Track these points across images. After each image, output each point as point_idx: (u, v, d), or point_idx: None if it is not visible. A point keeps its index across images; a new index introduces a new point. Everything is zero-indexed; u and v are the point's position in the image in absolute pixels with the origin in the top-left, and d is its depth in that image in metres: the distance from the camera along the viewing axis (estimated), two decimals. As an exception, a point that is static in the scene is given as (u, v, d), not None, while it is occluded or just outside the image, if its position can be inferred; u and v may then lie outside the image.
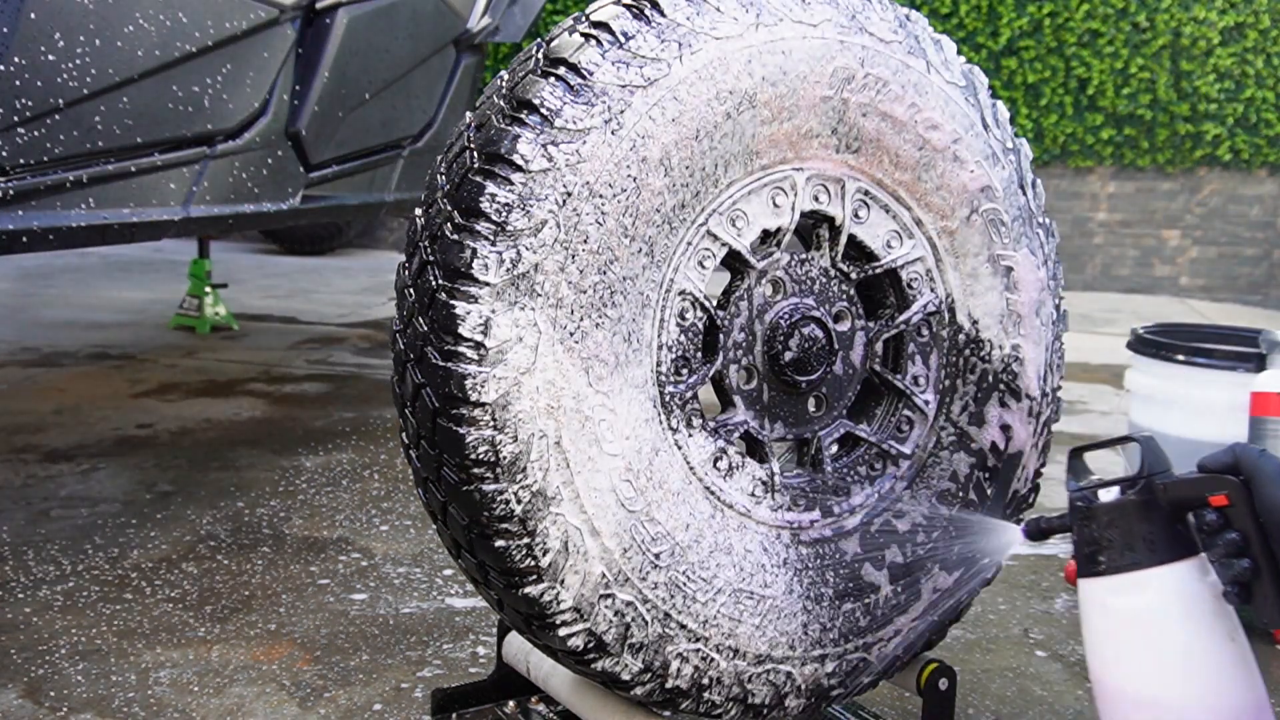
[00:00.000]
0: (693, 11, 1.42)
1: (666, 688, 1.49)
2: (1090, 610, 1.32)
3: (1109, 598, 1.30)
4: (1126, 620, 1.28)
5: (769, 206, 1.53)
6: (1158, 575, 1.28)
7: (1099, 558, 1.31)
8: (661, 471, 1.45)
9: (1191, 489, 1.29)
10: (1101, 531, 1.31)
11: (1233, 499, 1.25)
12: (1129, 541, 1.29)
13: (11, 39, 2.54)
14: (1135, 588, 1.28)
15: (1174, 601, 1.27)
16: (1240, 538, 1.24)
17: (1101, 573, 1.30)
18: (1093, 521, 1.32)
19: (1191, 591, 1.28)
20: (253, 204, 3.44)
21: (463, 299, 1.32)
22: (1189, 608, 1.27)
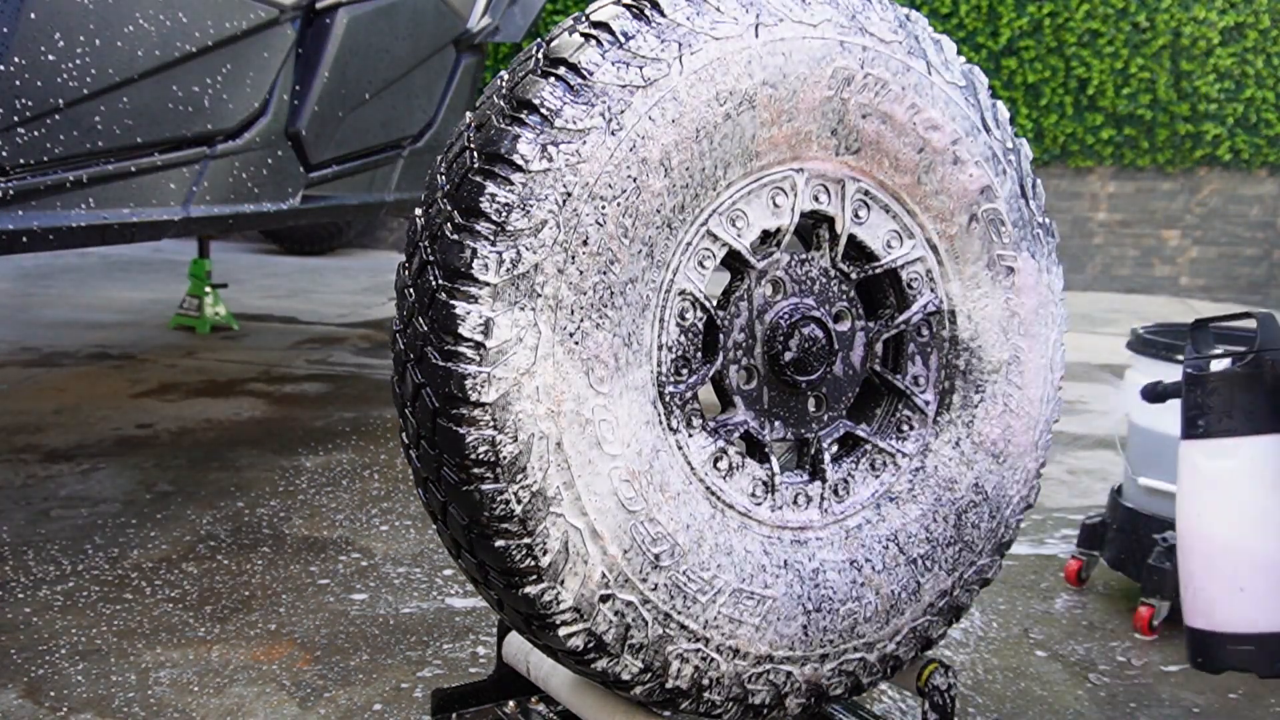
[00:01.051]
0: (693, 12, 1.42)
1: (666, 688, 1.49)
2: (1184, 469, 1.42)
3: (1201, 459, 1.39)
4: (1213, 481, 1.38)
5: (769, 207, 1.53)
6: (1249, 444, 1.36)
7: (1199, 422, 1.40)
8: (662, 472, 1.45)
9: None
10: (1205, 398, 1.39)
11: None
12: (1228, 410, 1.37)
13: (11, 39, 2.54)
14: (1226, 452, 1.38)
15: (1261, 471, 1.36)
16: None
17: (1198, 436, 1.39)
18: (1199, 388, 1.40)
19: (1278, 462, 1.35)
20: (253, 204, 3.44)
21: (463, 299, 1.32)
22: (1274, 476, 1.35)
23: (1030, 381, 1.72)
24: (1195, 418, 1.41)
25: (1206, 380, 1.40)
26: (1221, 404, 1.38)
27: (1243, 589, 1.36)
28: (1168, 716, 2.21)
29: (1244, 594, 1.36)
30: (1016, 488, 1.74)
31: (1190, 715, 2.22)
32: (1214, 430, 1.38)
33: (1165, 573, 2.52)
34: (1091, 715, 2.20)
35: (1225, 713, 2.24)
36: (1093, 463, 3.86)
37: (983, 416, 1.71)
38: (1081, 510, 3.25)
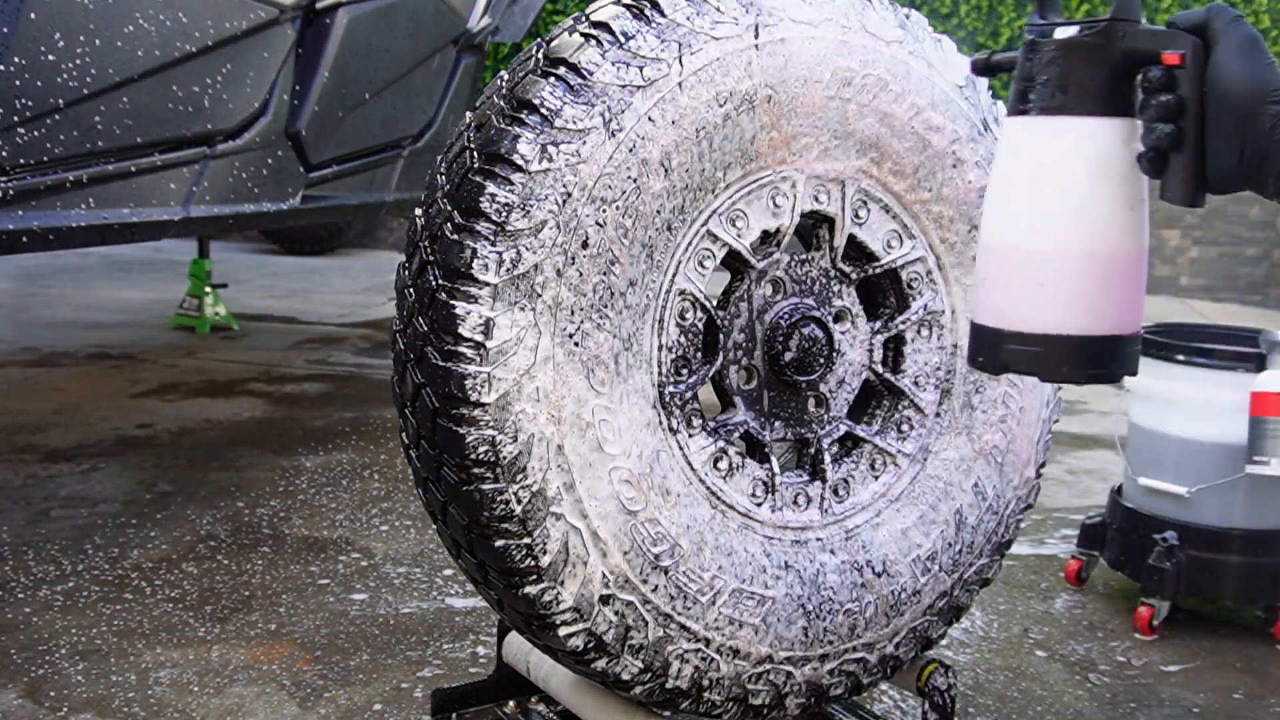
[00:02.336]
0: (693, 12, 1.42)
1: (666, 688, 1.49)
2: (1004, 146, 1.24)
3: (1025, 137, 1.22)
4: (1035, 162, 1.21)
5: (769, 207, 1.53)
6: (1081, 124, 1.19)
7: (1030, 95, 1.21)
8: (662, 473, 1.45)
9: (1150, 40, 1.17)
10: (1041, 68, 1.21)
11: (1186, 60, 1.14)
12: (1064, 84, 1.19)
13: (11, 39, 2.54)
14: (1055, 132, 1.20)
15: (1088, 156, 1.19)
16: (1176, 102, 1.13)
17: (1025, 111, 1.22)
18: (1036, 55, 1.22)
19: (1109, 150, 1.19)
20: (253, 204, 3.44)
21: (463, 299, 1.32)
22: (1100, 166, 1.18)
23: (1030, 382, 1.72)
24: (1026, 90, 1.22)
25: (1046, 47, 1.20)
26: (1058, 76, 1.19)
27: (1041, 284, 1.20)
28: (1168, 716, 2.21)
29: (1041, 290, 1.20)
30: (1016, 488, 1.74)
31: (1190, 715, 2.22)
32: (1044, 106, 1.19)
33: (1165, 573, 2.53)
34: (1091, 715, 2.20)
35: (1225, 713, 2.24)
36: (1093, 463, 3.86)
37: (983, 417, 1.71)
38: (1081, 510, 3.25)
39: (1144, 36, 1.16)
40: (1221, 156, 1.12)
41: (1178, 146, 1.13)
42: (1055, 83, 1.19)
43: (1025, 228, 1.21)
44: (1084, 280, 1.19)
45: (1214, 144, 1.12)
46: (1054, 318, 1.19)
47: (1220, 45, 1.12)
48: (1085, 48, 1.18)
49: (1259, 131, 1.09)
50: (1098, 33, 1.18)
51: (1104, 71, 1.18)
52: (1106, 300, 1.19)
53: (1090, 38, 1.18)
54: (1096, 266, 1.19)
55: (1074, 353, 1.19)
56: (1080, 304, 1.19)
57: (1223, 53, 1.11)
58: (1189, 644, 2.55)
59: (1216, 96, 1.11)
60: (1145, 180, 1.19)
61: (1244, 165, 1.10)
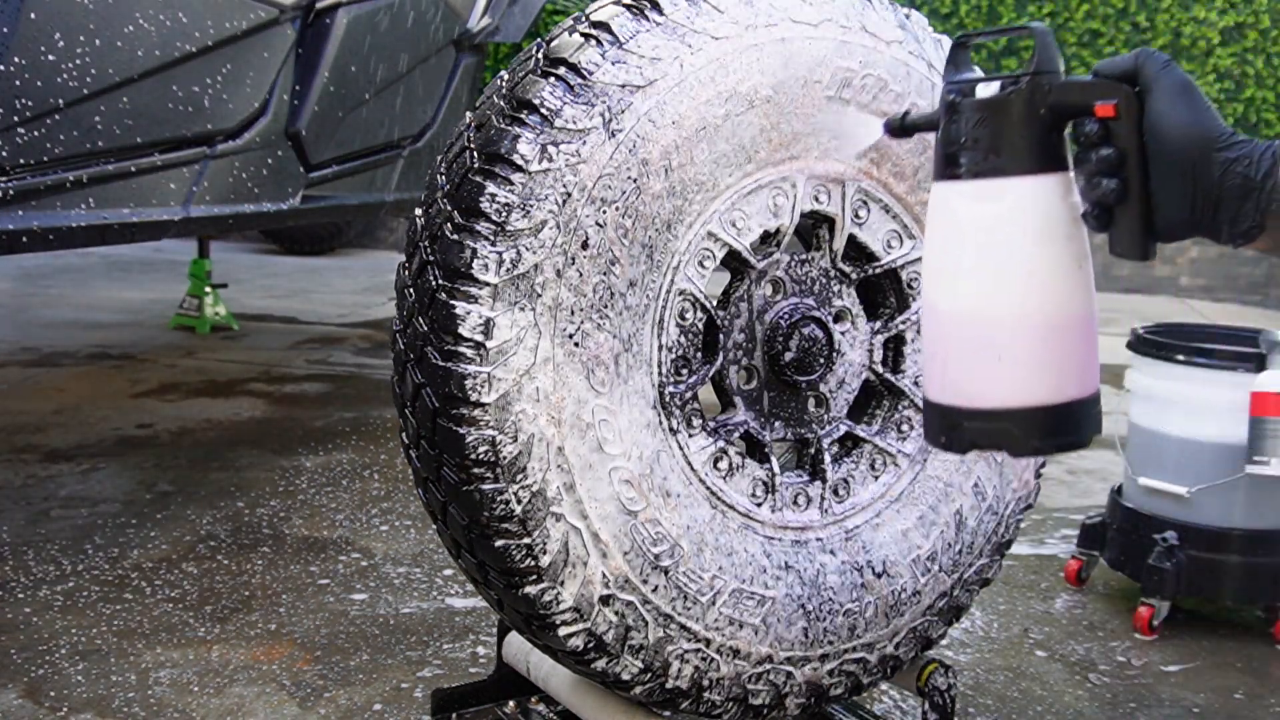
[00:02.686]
0: (693, 12, 1.42)
1: (667, 688, 1.49)
2: (938, 214, 1.18)
3: (960, 203, 1.16)
4: (974, 228, 1.15)
5: (769, 207, 1.53)
6: (1019, 185, 1.13)
7: (960, 159, 1.15)
8: (662, 473, 1.45)
9: (1080, 94, 1.12)
10: (969, 130, 1.15)
11: (1121, 110, 1.09)
12: (995, 144, 1.13)
13: (11, 39, 2.54)
14: (992, 195, 1.14)
15: (1029, 216, 1.13)
16: (1117, 155, 1.09)
17: (959, 176, 1.15)
18: (963, 117, 1.15)
19: (1050, 209, 1.13)
20: (253, 204, 3.44)
21: (463, 299, 1.32)
22: (1042, 226, 1.13)
23: (1030, 381, 1.72)
24: (954, 154, 1.15)
25: (972, 109, 1.14)
26: (988, 138, 1.13)
27: (999, 358, 1.14)
28: (1168, 716, 2.21)
29: (1000, 364, 1.14)
30: (1016, 488, 1.74)
31: (1190, 715, 2.22)
32: (977, 169, 1.13)
33: (1165, 573, 2.53)
34: (1091, 715, 2.20)
35: (1225, 713, 2.24)
36: (1093, 463, 3.86)
37: (983, 416, 1.71)
38: (1081, 510, 3.25)
39: (1072, 90, 1.12)
40: (1172, 208, 1.08)
41: (1123, 200, 1.09)
42: (985, 145, 1.14)
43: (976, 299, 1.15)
44: (1044, 349, 1.14)
45: (1162, 195, 1.08)
46: (1017, 391, 1.14)
47: (1155, 93, 1.08)
48: (1012, 106, 1.13)
49: (1210, 180, 1.06)
50: (1023, 90, 1.13)
51: (1034, 129, 1.13)
52: (1068, 366, 1.15)
53: (1015, 96, 1.13)
54: (1054, 333, 1.14)
55: (1042, 424, 1.15)
56: (1043, 374, 1.14)
57: (1160, 101, 1.07)
58: (1189, 644, 2.55)
59: (1160, 147, 1.07)
60: (1087, 233, 1.15)
61: (1196, 214, 1.07)
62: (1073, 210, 1.14)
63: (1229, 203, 1.06)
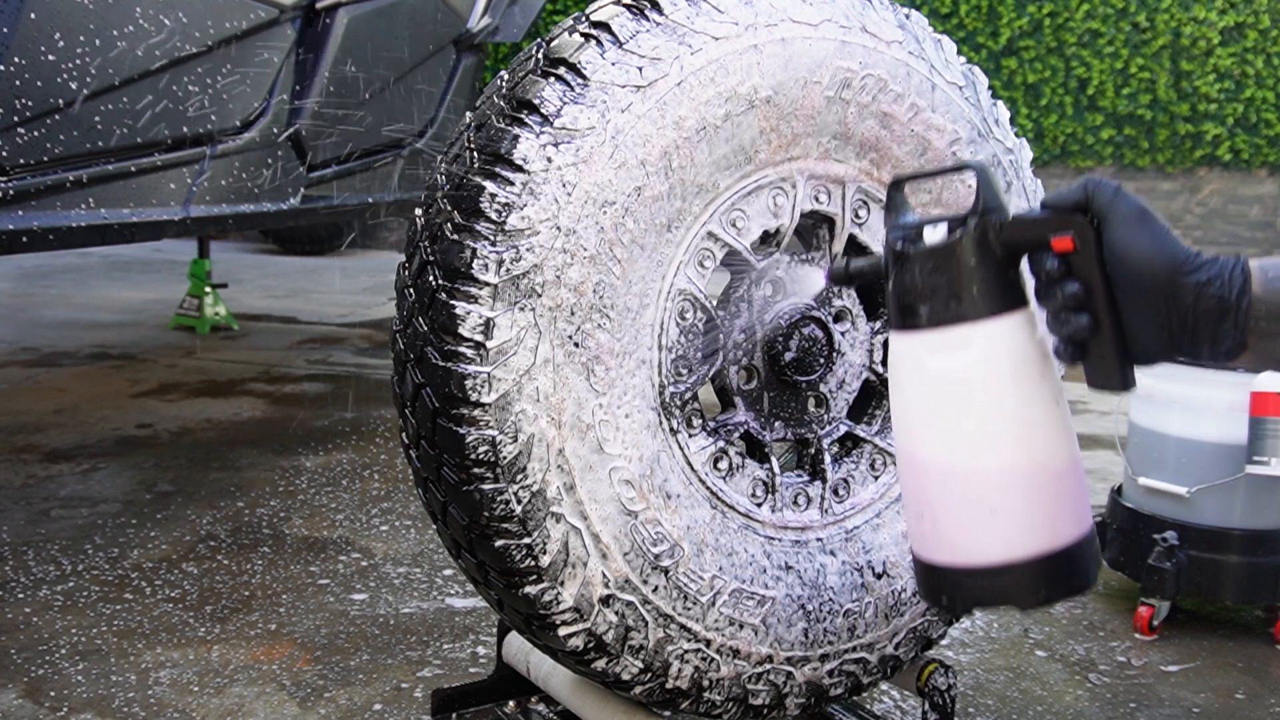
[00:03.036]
0: (693, 12, 1.42)
1: (667, 688, 1.49)
2: (904, 369, 1.14)
3: (927, 355, 1.11)
4: (945, 380, 1.10)
5: (769, 207, 1.53)
6: (984, 329, 1.09)
7: (918, 309, 1.10)
8: (662, 473, 1.45)
9: (1033, 230, 1.08)
10: (925, 279, 1.10)
11: (1079, 243, 1.06)
12: (953, 291, 1.09)
13: (11, 39, 2.54)
14: (958, 344, 1.09)
15: (1001, 360, 1.09)
16: (1082, 289, 1.06)
17: (920, 326, 1.11)
18: (915, 267, 1.11)
19: (1020, 348, 1.09)
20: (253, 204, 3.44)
21: (463, 299, 1.32)
22: (1015, 367, 1.09)
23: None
24: (911, 304, 1.10)
25: (923, 257, 1.10)
26: (945, 285, 1.09)
27: (994, 511, 1.09)
28: (1168, 716, 2.21)
29: (996, 518, 1.09)
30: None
31: (1190, 715, 2.22)
32: (941, 319, 1.09)
33: (1165, 573, 2.53)
34: (1091, 715, 2.20)
35: (1225, 713, 2.24)
36: (1093, 463, 3.86)
37: (983, 416, 1.71)
38: (1081, 510, 3.24)
39: (1024, 226, 1.09)
40: (1148, 336, 1.06)
41: (1095, 333, 1.07)
42: (943, 292, 1.10)
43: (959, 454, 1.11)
44: (1038, 497, 1.10)
45: (1134, 324, 1.06)
46: (1016, 543, 1.10)
47: (1111, 222, 1.05)
48: (964, 251, 1.09)
49: (1183, 306, 1.04)
50: (972, 233, 1.09)
51: (990, 271, 1.09)
52: (1063, 508, 1.11)
53: (966, 239, 1.09)
54: (1046, 479, 1.10)
55: (1047, 573, 1.10)
56: (1040, 522, 1.10)
57: (1118, 230, 1.05)
58: (1189, 644, 2.55)
59: (1127, 278, 1.05)
60: (1059, 365, 1.12)
61: (1174, 340, 1.06)
62: (1041, 346, 1.11)
63: (1206, 326, 1.04)
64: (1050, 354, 1.11)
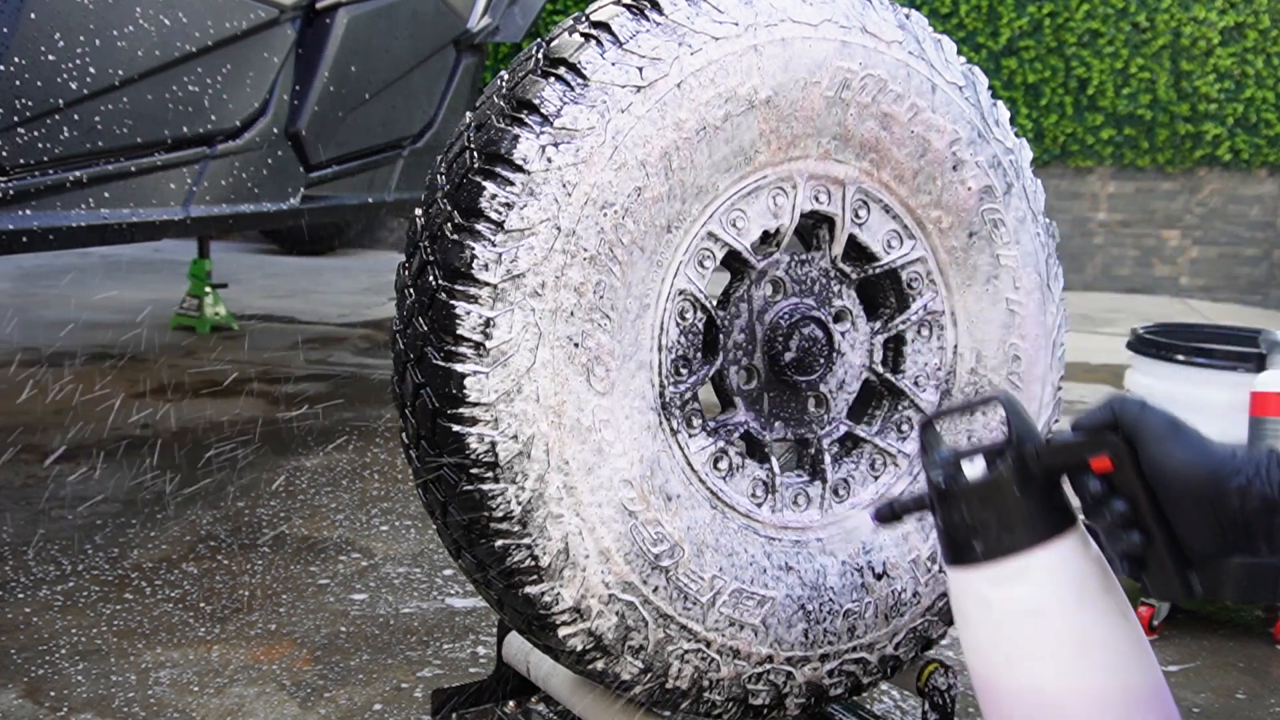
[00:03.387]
0: (692, 12, 1.42)
1: (667, 688, 1.49)
2: (967, 603, 1.15)
3: (989, 589, 1.12)
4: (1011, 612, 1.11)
5: (769, 207, 1.53)
6: (1040, 557, 1.10)
7: (972, 543, 1.12)
8: (662, 473, 1.45)
9: (1069, 454, 1.11)
10: (972, 513, 1.12)
11: (1116, 461, 1.08)
12: (1003, 522, 1.11)
13: (11, 39, 2.54)
14: (1018, 575, 1.11)
15: (1063, 584, 1.11)
16: (1129, 507, 1.08)
17: (977, 560, 1.12)
18: (960, 502, 1.13)
19: (1078, 569, 1.12)
20: (253, 204, 3.44)
21: (463, 299, 1.32)
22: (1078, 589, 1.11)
23: (1031, 381, 1.72)
24: (964, 539, 1.12)
25: (967, 492, 1.12)
26: (994, 517, 1.11)
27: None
28: (1168, 717, 2.21)
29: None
30: (1017, 488, 1.74)
31: (1190, 715, 2.22)
32: (996, 551, 1.11)
33: (1165, 573, 2.52)
34: (1091, 715, 2.20)
35: (1226, 713, 2.24)
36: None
37: (983, 416, 1.71)
38: (1081, 510, 3.24)
39: (1060, 451, 1.11)
40: (1201, 542, 1.07)
41: (1150, 544, 1.08)
42: (995, 525, 1.11)
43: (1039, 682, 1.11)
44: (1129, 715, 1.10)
45: (1187, 533, 1.07)
46: None
47: (1144, 439, 1.07)
48: (1006, 483, 1.11)
49: (1231, 510, 1.04)
50: (1012, 465, 1.11)
51: (1035, 498, 1.11)
52: None
53: (1007, 472, 1.11)
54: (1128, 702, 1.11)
55: None
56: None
57: (1152, 446, 1.07)
58: (1189, 644, 2.55)
59: (1172, 492, 1.05)
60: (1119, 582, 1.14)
61: (1229, 540, 1.06)
62: (1099, 561, 1.12)
63: (1259, 524, 1.05)
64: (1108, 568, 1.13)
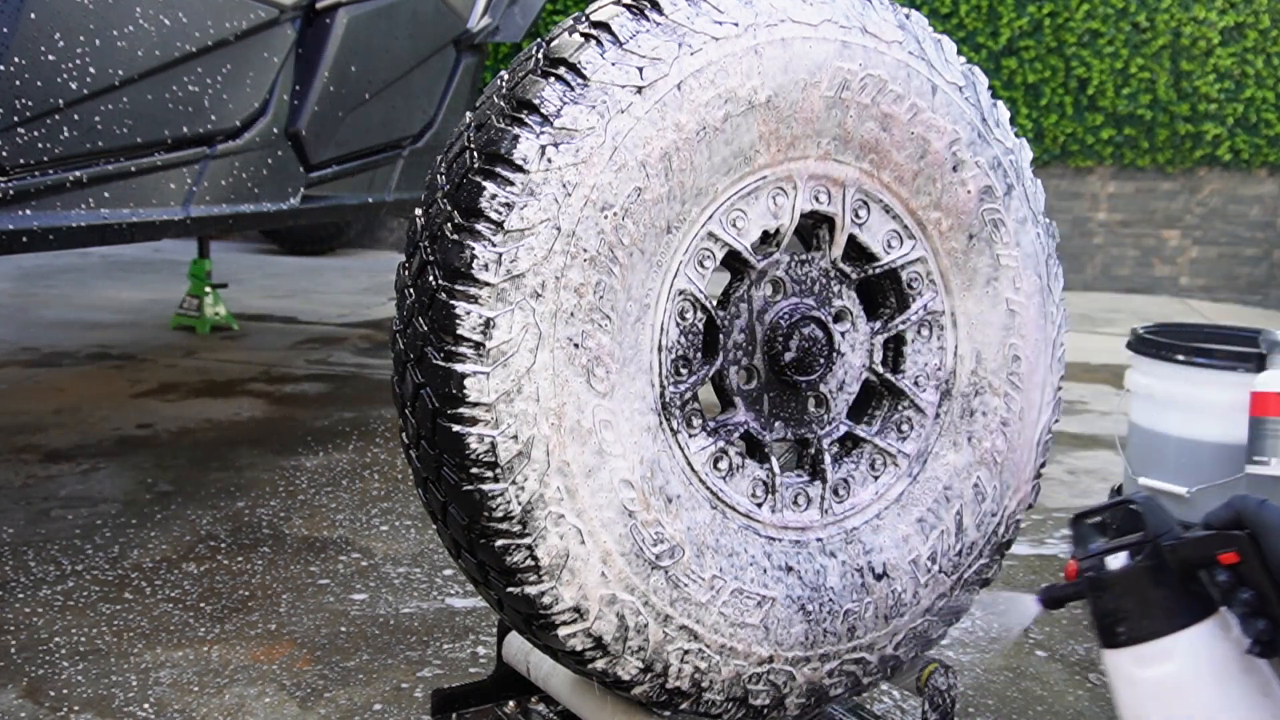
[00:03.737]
0: (692, 12, 1.42)
1: (666, 688, 1.49)
2: (1118, 682, 1.30)
3: (1135, 669, 1.27)
4: (1156, 690, 1.26)
5: (769, 207, 1.53)
6: (1181, 640, 1.25)
7: (1118, 629, 1.28)
8: (662, 473, 1.45)
9: (1199, 549, 1.26)
10: (1117, 601, 1.29)
11: (1243, 555, 1.22)
12: (1145, 609, 1.27)
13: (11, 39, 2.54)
14: (1160, 656, 1.25)
15: (1202, 665, 1.25)
16: (1257, 597, 1.21)
17: (1123, 643, 1.28)
18: (1106, 591, 1.30)
19: (1218, 651, 1.25)
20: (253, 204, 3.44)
21: (463, 299, 1.32)
22: (1218, 669, 1.24)
23: (1031, 382, 1.72)
24: (1113, 624, 1.29)
25: (1111, 582, 1.29)
26: (1136, 605, 1.27)
27: None
28: (1168, 717, 2.21)
29: None
30: (1017, 488, 1.74)
31: (1190, 715, 2.22)
32: (1140, 635, 1.26)
33: (1165, 573, 2.53)
34: (1091, 715, 2.20)
35: (1225, 713, 2.24)
36: (1093, 463, 3.86)
37: (983, 418, 1.71)
38: (1081, 510, 3.24)
39: (1192, 546, 1.26)
40: None
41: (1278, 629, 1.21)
42: (1136, 612, 1.26)
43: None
44: None
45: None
46: None
47: (1265, 534, 1.21)
48: (1144, 574, 1.27)
49: None
50: (1149, 555, 1.27)
51: (1171, 588, 1.26)
52: None
53: (1146, 563, 1.27)
54: None
55: None
56: None
57: (1272, 540, 1.21)
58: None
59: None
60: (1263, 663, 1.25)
61: None
62: (1238, 644, 1.24)
63: None
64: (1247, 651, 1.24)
